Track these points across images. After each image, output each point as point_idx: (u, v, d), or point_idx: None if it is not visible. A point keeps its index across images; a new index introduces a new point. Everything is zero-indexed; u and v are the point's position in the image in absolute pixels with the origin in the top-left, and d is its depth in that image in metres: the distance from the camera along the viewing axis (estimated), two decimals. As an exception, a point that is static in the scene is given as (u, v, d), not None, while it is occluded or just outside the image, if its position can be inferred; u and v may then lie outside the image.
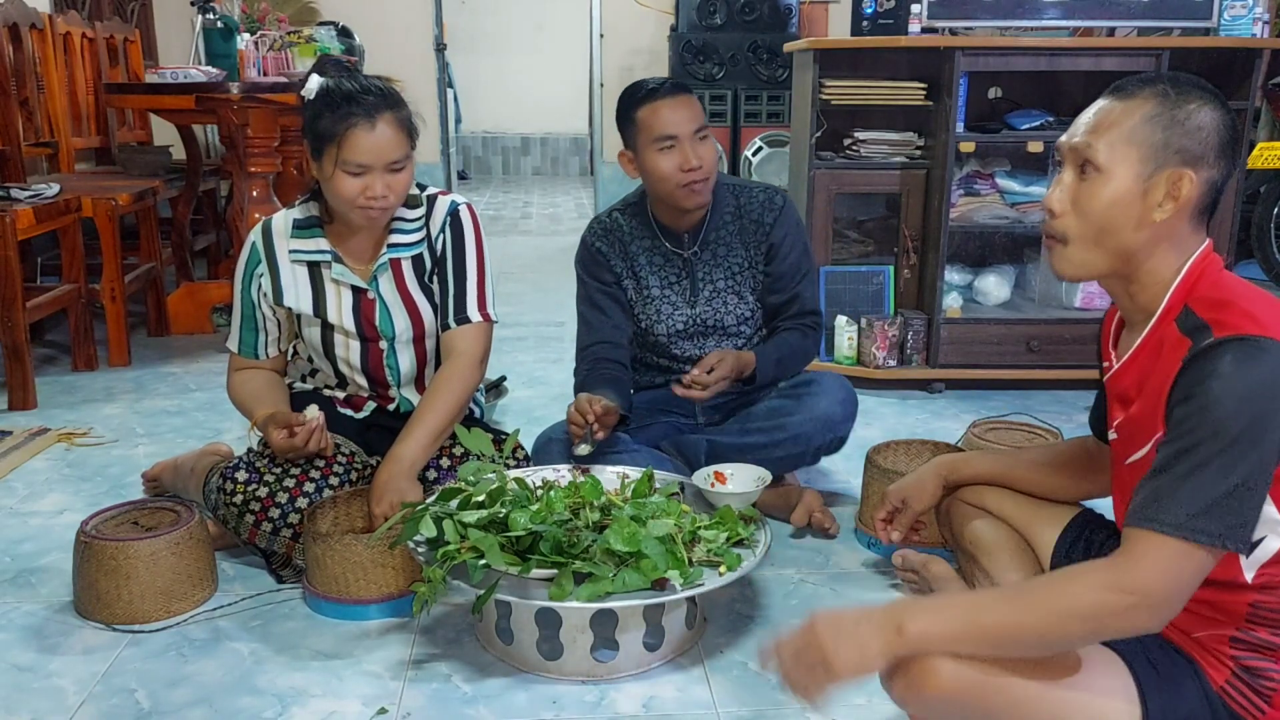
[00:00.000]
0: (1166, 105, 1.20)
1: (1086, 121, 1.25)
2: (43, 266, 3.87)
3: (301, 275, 2.01)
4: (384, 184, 1.86)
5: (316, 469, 1.93)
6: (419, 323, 2.04)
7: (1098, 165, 1.22)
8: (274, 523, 1.88)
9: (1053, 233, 1.27)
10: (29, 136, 3.67)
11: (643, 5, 6.28)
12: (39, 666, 1.69)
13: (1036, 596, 1.15)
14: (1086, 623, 1.12)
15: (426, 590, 1.57)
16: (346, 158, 1.83)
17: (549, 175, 10.25)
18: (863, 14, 3.31)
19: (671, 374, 2.34)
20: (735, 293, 2.25)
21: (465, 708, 1.58)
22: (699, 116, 2.11)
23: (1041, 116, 3.12)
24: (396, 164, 1.87)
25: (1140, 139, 1.20)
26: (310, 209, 2.02)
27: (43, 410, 2.96)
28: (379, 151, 1.84)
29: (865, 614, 1.18)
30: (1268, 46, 3.01)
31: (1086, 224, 1.23)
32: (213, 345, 3.70)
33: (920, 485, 1.70)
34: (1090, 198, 1.23)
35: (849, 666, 1.15)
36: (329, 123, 1.84)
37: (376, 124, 1.84)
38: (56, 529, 2.19)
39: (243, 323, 2.06)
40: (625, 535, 1.59)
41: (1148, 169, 1.20)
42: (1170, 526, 1.10)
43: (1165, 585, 1.10)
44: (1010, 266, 3.33)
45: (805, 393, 2.18)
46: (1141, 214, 1.21)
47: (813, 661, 1.16)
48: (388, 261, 2.01)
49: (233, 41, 3.77)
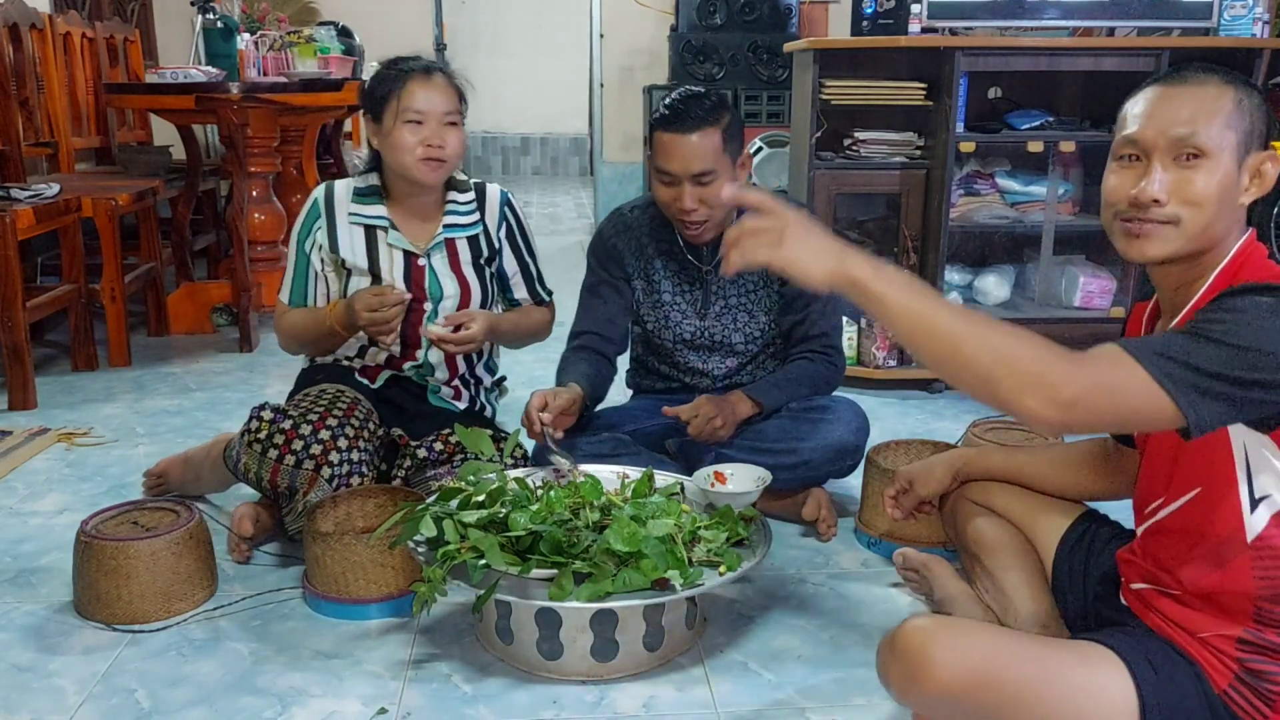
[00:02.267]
0: (1242, 91, 1.23)
1: (1173, 111, 1.23)
2: (43, 266, 3.86)
3: (358, 235, 2.12)
4: (440, 136, 2.01)
5: (340, 409, 1.96)
6: (467, 293, 2.16)
7: (1206, 151, 1.21)
8: (296, 454, 1.90)
9: (1162, 218, 1.24)
10: (29, 136, 3.67)
11: (643, 5, 6.27)
12: (39, 666, 1.69)
13: (988, 326, 1.11)
14: (998, 368, 1.08)
15: (426, 590, 1.57)
16: (406, 105, 1.99)
17: (549, 175, 10.25)
18: (863, 14, 3.30)
19: (674, 381, 2.34)
20: (746, 310, 2.22)
21: (465, 708, 1.58)
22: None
23: (1041, 116, 3.12)
24: (451, 116, 2.03)
25: (1236, 124, 1.22)
26: (371, 179, 2.14)
27: (43, 410, 2.96)
28: (435, 100, 2.01)
29: (835, 240, 1.17)
30: (1268, 46, 3.00)
31: (1198, 210, 1.23)
32: (213, 345, 3.70)
33: (929, 471, 1.72)
34: (1204, 185, 1.22)
35: (792, 257, 1.15)
36: (388, 81, 2.02)
37: (433, 76, 2.03)
38: (56, 529, 2.19)
39: (294, 275, 2.15)
40: (625, 535, 1.59)
41: (1241, 153, 1.23)
42: (1147, 355, 1.09)
43: (1087, 395, 1.07)
44: (1010, 266, 3.33)
45: (819, 418, 2.13)
46: (1235, 198, 1.24)
47: (769, 239, 1.16)
48: (443, 241, 2.14)
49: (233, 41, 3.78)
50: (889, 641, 1.26)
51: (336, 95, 3.74)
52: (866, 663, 1.69)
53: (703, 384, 2.28)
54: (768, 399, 2.14)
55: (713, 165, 2.03)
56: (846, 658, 1.71)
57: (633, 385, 2.46)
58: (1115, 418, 1.12)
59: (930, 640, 1.21)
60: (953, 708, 1.22)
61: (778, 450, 2.08)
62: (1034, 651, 1.24)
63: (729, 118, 2.05)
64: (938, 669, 1.19)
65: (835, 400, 2.20)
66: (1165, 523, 1.30)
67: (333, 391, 2.03)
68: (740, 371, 2.28)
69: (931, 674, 1.19)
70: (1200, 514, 1.24)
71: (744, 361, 2.27)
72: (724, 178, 2.04)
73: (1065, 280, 3.25)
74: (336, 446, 1.91)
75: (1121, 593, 1.40)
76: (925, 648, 1.20)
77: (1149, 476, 1.34)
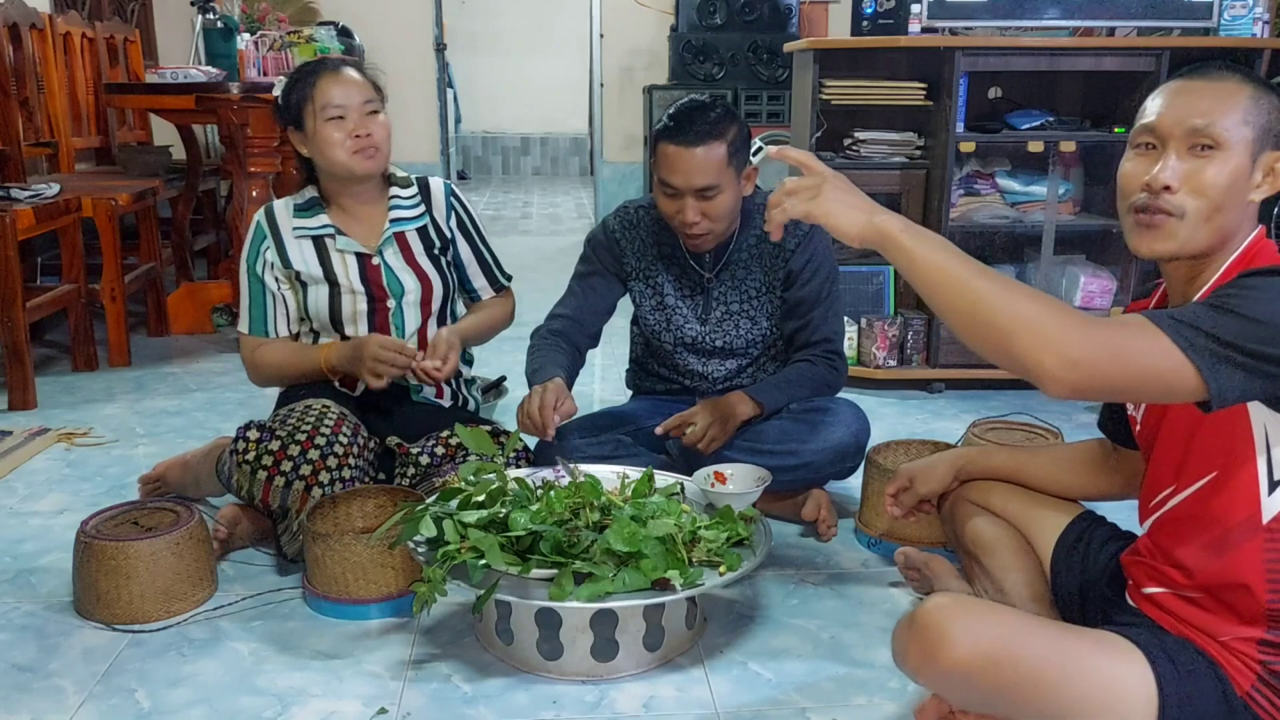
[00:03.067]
0: (1261, 90, 1.24)
1: (1190, 102, 1.24)
2: (43, 266, 3.86)
3: (307, 247, 2.11)
4: (365, 125, 2.02)
5: (327, 426, 1.94)
6: (427, 285, 2.15)
7: (1220, 143, 1.22)
8: (286, 476, 1.88)
9: (1167, 208, 1.24)
10: (29, 136, 3.67)
11: (643, 5, 6.27)
12: (39, 666, 1.69)
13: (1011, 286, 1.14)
14: (1015, 325, 1.10)
15: (426, 590, 1.57)
16: (323, 102, 2.00)
17: (549, 175, 10.25)
18: (863, 14, 3.30)
19: (673, 383, 2.33)
20: (748, 316, 2.21)
21: (465, 708, 1.58)
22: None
23: (1041, 116, 3.12)
24: (371, 105, 2.04)
25: (1253, 120, 1.23)
26: (308, 193, 2.13)
27: (43, 410, 2.96)
28: (351, 92, 2.02)
29: (868, 199, 1.26)
30: (1268, 46, 3.01)
31: (1205, 201, 1.23)
32: (213, 345, 3.70)
33: (931, 469, 1.73)
34: (1214, 175, 1.23)
35: (828, 210, 1.24)
36: (300, 85, 2.03)
37: (341, 70, 2.04)
38: (56, 529, 2.19)
39: (250, 302, 2.13)
40: (625, 535, 1.59)
41: (1256, 149, 1.23)
42: (1168, 322, 1.11)
43: (1103, 356, 1.08)
44: (1010, 266, 3.33)
45: (820, 420, 2.12)
46: (1246, 194, 1.24)
47: (808, 193, 1.26)
48: (392, 235, 2.13)
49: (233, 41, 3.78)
50: (908, 620, 1.27)
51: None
52: (866, 663, 1.69)
53: (702, 386, 2.28)
54: (768, 400, 2.14)
55: (717, 180, 2.00)
56: (846, 658, 1.71)
57: (632, 386, 2.46)
58: (1130, 383, 1.11)
59: (949, 617, 1.22)
60: (969, 685, 1.22)
61: (779, 452, 2.08)
62: (1053, 634, 1.25)
63: (735, 130, 2.02)
64: (956, 645, 1.19)
65: (836, 402, 2.19)
66: (1176, 511, 1.30)
67: (319, 408, 1.99)
68: (740, 374, 2.28)
69: (950, 650, 1.19)
70: (1214, 498, 1.24)
71: (744, 364, 2.27)
72: (728, 192, 2.02)
73: (1066, 280, 3.25)
74: (326, 465, 1.89)
75: (1129, 594, 1.39)
76: (944, 624, 1.21)
77: (1158, 466, 1.34)
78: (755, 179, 2.12)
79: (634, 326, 2.35)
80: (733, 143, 2.01)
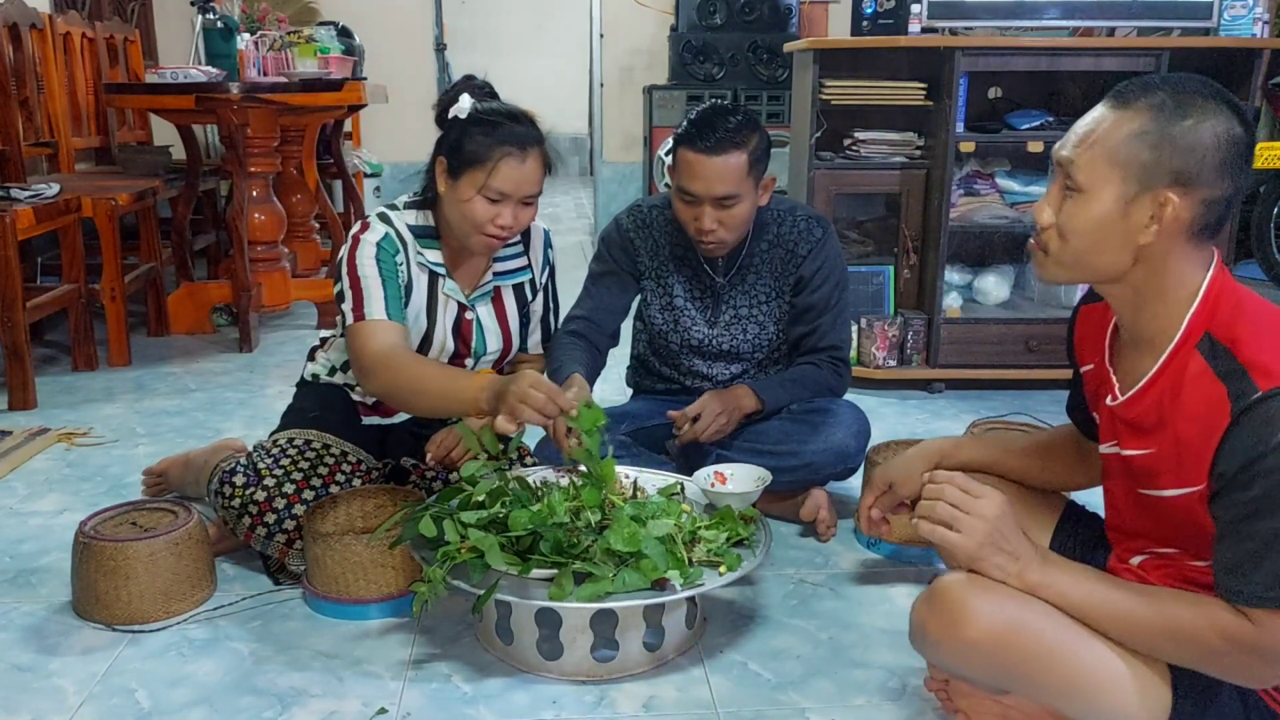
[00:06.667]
0: (1160, 120, 1.13)
1: (1076, 134, 1.20)
2: (43, 266, 3.86)
3: (423, 280, 1.96)
4: (513, 215, 1.86)
5: (319, 476, 1.93)
6: (508, 349, 2.07)
7: (1079, 185, 1.17)
8: (268, 527, 1.87)
9: (1038, 242, 1.24)
10: (29, 136, 3.67)
11: (643, 5, 6.27)
12: (39, 666, 1.69)
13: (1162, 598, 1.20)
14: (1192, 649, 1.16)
15: (426, 590, 1.57)
16: (493, 184, 1.82)
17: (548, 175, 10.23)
18: (863, 14, 3.31)
19: (674, 383, 2.33)
20: (757, 321, 2.22)
21: (465, 708, 1.58)
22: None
23: (1041, 116, 3.12)
24: (531, 198, 1.88)
25: (1124, 159, 1.14)
26: (427, 219, 1.97)
27: (43, 410, 2.96)
28: (524, 184, 1.85)
29: (1028, 541, 1.26)
30: (1268, 46, 3.00)
31: (1067, 243, 1.20)
32: (213, 345, 3.70)
33: (908, 471, 1.62)
34: (1071, 217, 1.19)
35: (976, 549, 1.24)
36: (482, 147, 1.82)
37: (528, 157, 1.84)
38: (56, 529, 2.19)
39: (385, 282, 1.86)
40: (625, 535, 1.59)
41: (1131, 190, 1.14)
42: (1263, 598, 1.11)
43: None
44: (1010, 266, 3.33)
45: (821, 421, 2.12)
46: (1125, 236, 1.16)
47: (965, 518, 1.25)
48: (491, 290, 2.03)
49: (233, 41, 3.77)
50: (926, 596, 1.28)
51: (336, 95, 3.74)
52: (866, 663, 1.69)
53: (704, 387, 2.28)
54: (771, 397, 2.14)
55: (736, 189, 2.00)
56: (846, 658, 1.71)
57: (632, 384, 2.46)
58: None
59: (970, 591, 1.23)
60: (988, 659, 1.23)
61: (779, 452, 2.08)
62: (1069, 615, 1.25)
63: (757, 139, 2.01)
64: (977, 616, 1.20)
65: (837, 403, 2.20)
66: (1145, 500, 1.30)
67: (319, 446, 1.95)
68: (743, 376, 2.28)
69: (971, 621, 1.21)
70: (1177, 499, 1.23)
71: (748, 368, 2.27)
72: (747, 201, 2.02)
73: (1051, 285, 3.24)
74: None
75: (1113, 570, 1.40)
76: (965, 597, 1.22)
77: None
78: (773, 188, 2.12)
79: (638, 323, 2.35)
80: (754, 152, 2.00)
